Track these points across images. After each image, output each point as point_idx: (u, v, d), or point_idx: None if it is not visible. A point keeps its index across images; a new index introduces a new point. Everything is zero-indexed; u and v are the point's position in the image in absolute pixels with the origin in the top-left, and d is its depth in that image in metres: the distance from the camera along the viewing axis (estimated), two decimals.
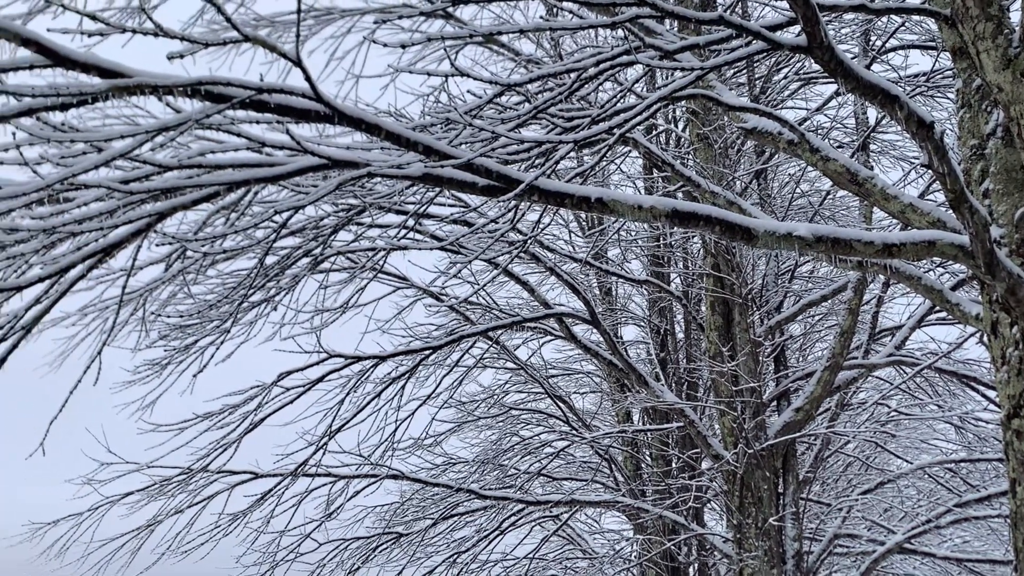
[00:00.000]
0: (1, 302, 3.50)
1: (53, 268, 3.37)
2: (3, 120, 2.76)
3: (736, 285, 8.51)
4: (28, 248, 3.30)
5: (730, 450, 8.28)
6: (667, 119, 9.89)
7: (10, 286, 3.41)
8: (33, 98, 2.75)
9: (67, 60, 2.71)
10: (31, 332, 3.66)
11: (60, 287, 3.45)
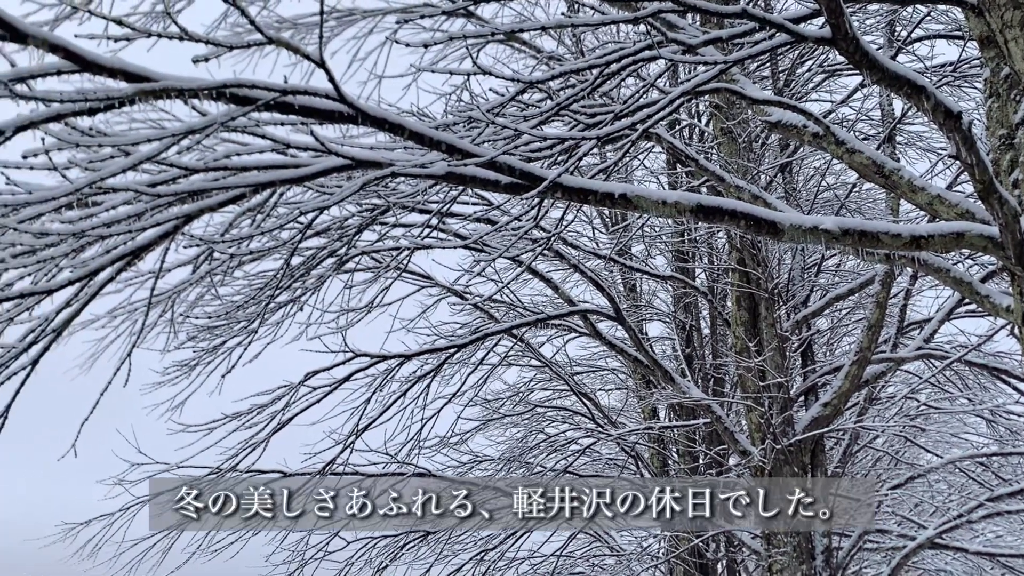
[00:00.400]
0: (32, 305, 3.55)
1: (83, 271, 3.42)
2: (33, 126, 2.80)
3: (762, 280, 8.46)
4: (58, 252, 3.35)
5: (757, 446, 8.23)
6: (690, 114, 9.84)
7: (41, 289, 3.46)
8: (61, 103, 2.78)
9: (94, 65, 2.74)
10: (62, 334, 3.70)
11: (90, 290, 3.49)
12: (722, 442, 10.22)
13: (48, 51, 2.73)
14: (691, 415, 10.58)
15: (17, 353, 3.54)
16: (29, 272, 3.44)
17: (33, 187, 3.13)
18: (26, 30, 2.60)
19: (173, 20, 2.76)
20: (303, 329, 7.52)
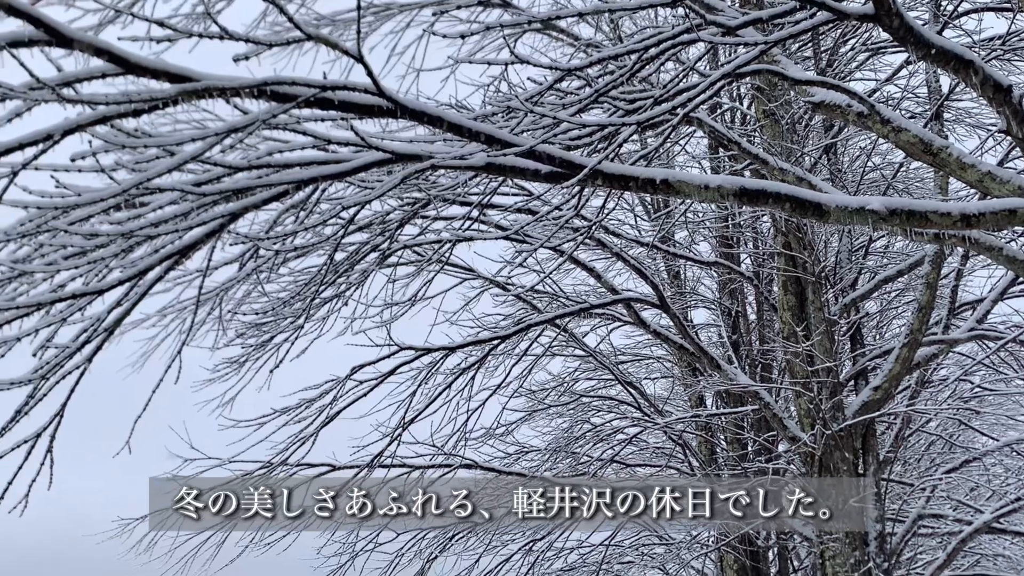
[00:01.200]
0: (84, 306, 3.63)
1: (132, 271, 3.48)
2: (80, 129, 2.85)
3: (808, 263, 8.34)
4: (108, 252, 3.41)
5: (807, 432, 8.13)
6: (731, 97, 9.72)
7: (92, 290, 3.53)
8: (107, 106, 2.83)
9: (137, 67, 2.78)
10: (113, 334, 3.78)
11: (139, 289, 3.56)
12: (771, 429, 10.11)
13: (93, 55, 2.78)
14: (739, 402, 10.48)
15: (71, 352, 3.62)
16: (80, 273, 3.51)
17: (82, 189, 3.19)
18: (71, 35, 2.64)
19: (214, 20, 2.79)
20: (348, 324, 7.59)
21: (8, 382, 3.58)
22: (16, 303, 3.42)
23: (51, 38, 2.67)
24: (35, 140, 2.87)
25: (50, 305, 3.49)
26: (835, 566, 7.86)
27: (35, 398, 3.73)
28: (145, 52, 3.04)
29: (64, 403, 3.86)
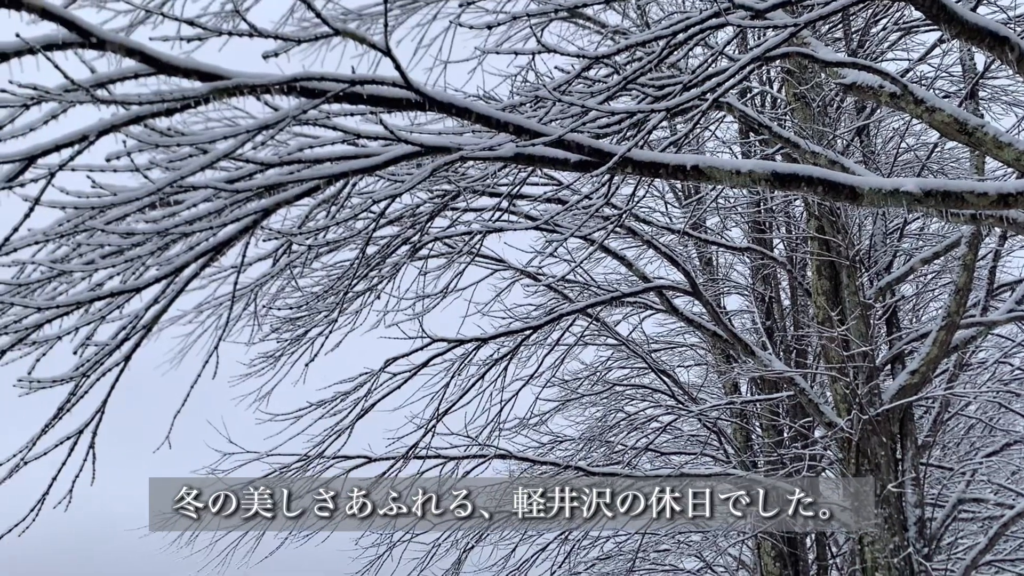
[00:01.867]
0: (122, 304, 3.68)
1: (168, 268, 3.53)
2: (114, 129, 2.89)
3: (842, 247, 8.25)
4: (144, 251, 3.46)
5: (844, 417, 8.06)
6: (761, 80, 9.62)
7: (129, 288, 3.58)
8: (140, 105, 2.86)
9: (169, 67, 2.81)
10: (151, 331, 3.83)
11: (176, 286, 3.61)
12: (807, 414, 10.03)
13: (125, 55, 2.82)
14: (774, 388, 10.40)
15: (110, 350, 3.68)
16: (118, 272, 3.56)
17: (117, 189, 3.24)
18: (104, 36, 2.68)
19: (243, 18, 2.81)
20: (381, 317, 7.64)
21: (50, 380, 3.64)
22: (56, 302, 3.48)
23: (84, 40, 2.71)
24: (71, 141, 2.91)
25: (89, 304, 3.55)
26: (874, 552, 7.79)
27: (76, 395, 3.80)
28: (176, 51, 3.07)
29: (105, 400, 3.92)
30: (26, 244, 3.33)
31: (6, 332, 3.48)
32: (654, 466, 10.64)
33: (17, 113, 2.82)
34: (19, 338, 3.49)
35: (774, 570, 10.58)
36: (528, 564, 10.00)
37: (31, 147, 2.91)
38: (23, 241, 3.30)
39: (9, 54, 2.66)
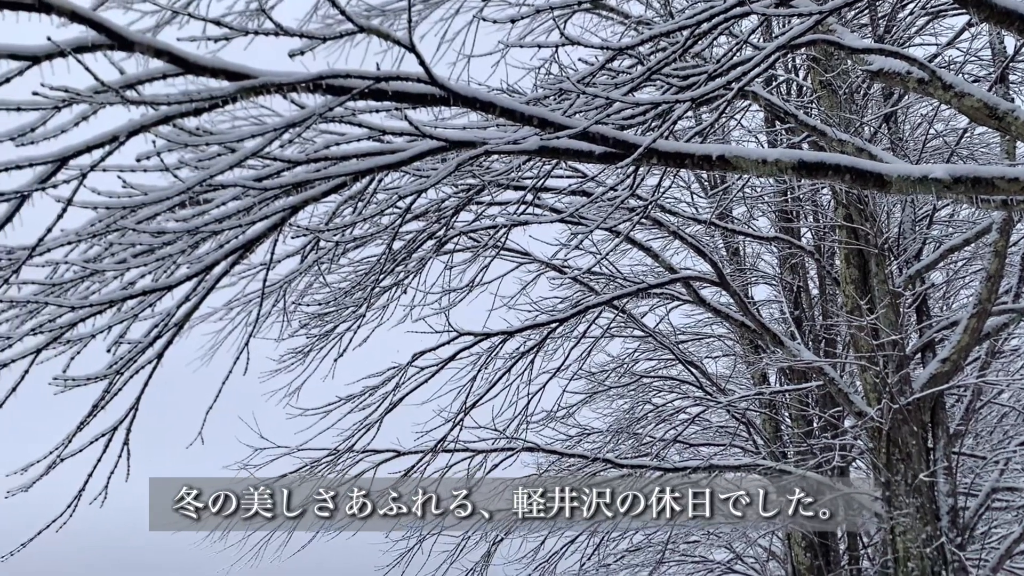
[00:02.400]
0: (154, 302, 3.73)
1: (198, 267, 3.57)
2: (144, 129, 2.92)
3: (871, 235, 8.17)
4: (175, 249, 3.50)
5: (874, 406, 7.99)
6: (787, 68, 9.54)
7: (161, 286, 3.63)
8: (168, 106, 2.90)
9: (197, 67, 2.84)
10: (183, 328, 3.88)
11: (206, 284, 3.65)
12: (836, 404, 9.96)
13: (153, 56, 2.85)
14: (803, 378, 10.34)
15: (143, 347, 3.73)
16: (149, 270, 3.61)
17: (148, 188, 3.28)
18: (132, 38, 2.71)
19: (269, 16, 2.83)
20: (408, 311, 7.68)
21: (84, 378, 3.70)
22: (89, 301, 3.53)
23: (113, 42, 2.74)
24: (102, 142, 2.95)
25: (121, 302, 3.60)
26: (906, 542, 7.73)
27: (110, 393, 3.85)
28: (202, 51, 3.10)
29: (138, 396, 3.98)
30: (59, 244, 3.38)
31: (41, 331, 3.54)
32: (683, 458, 10.60)
33: (49, 115, 2.86)
34: (53, 337, 3.55)
35: (805, 561, 10.53)
36: (557, 556, 10.02)
37: (63, 148, 2.95)
38: (56, 241, 3.36)
39: (40, 57, 2.70)
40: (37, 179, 2.98)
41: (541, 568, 10.00)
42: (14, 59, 2.71)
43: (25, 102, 2.81)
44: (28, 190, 2.94)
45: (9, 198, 2.96)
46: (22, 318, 3.54)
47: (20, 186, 2.95)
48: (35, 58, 2.71)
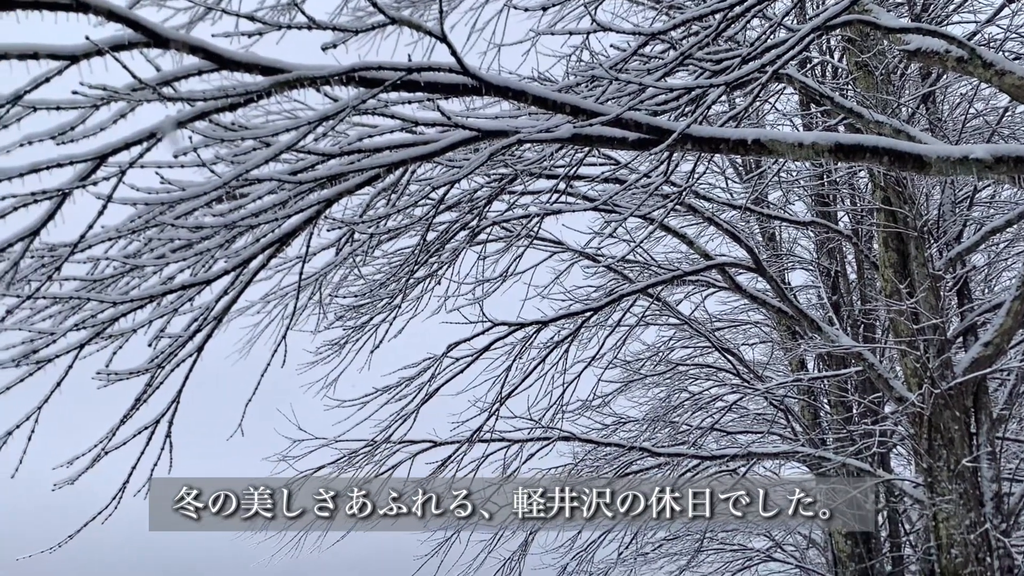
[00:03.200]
0: (193, 296, 3.78)
1: (236, 261, 3.60)
2: (180, 126, 2.95)
3: (910, 218, 8.05)
4: (212, 244, 3.54)
5: (914, 391, 7.88)
6: (821, 50, 9.41)
7: (199, 280, 3.67)
8: (204, 101, 2.92)
9: (231, 62, 2.86)
10: (222, 321, 3.92)
11: (244, 278, 3.68)
12: (876, 390, 9.84)
13: (188, 53, 2.87)
14: (841, 364, 10.23)
15: (183, 341, 3.78)
16: (188, 265, 3.66)
17: (185, 184, 3.32)
18: (168, 35, 2.74)
19: (301, 10, 2.84)
20: (442, 302, 7.70)
21: (127, 372, 3.76)
22: (130, 296, 3.58)
23: (149, 39, 2.77)
24: (139, 139, 2.99)
25: (161, 297, 3.65)
26: (949, 528, 7.63)
27: (152, 386, 3.91)
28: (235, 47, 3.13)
29: (179, 390, 4.03)
30: (99, 241, 3.43)
31: (83, 327, 3.59)
32: (720, 446, 10.55)
33: (88, 114, 2.90)
34: (96, 332, 3.60)
35: (846, 548, 10.44)
36: (595, 546, 10.02)
37: (102, 146, 2.99)
38: (97, 238, 3.41)
39: (79, 56, 2.73)
40: (77, 177, 3.02)
41: (579, 557, 10.01)
42: (53, 59, 2.74)
43: (64, 101, 2.85)
44: (69, 188, 2.99)
45: (50, 196, 3.01)
46: (65, 314, 3.60)
47: (61, 184, 3.00)
48: (73, 57, 2.75)
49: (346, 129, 3.86)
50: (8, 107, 2.78)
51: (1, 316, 3.49)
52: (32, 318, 3.55)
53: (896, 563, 10.84)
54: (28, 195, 2.96)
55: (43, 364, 3.52)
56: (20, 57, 2.71)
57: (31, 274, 3.39)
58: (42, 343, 3.49)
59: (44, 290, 3.40)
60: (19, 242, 3.11)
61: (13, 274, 3.22)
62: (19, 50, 2.70)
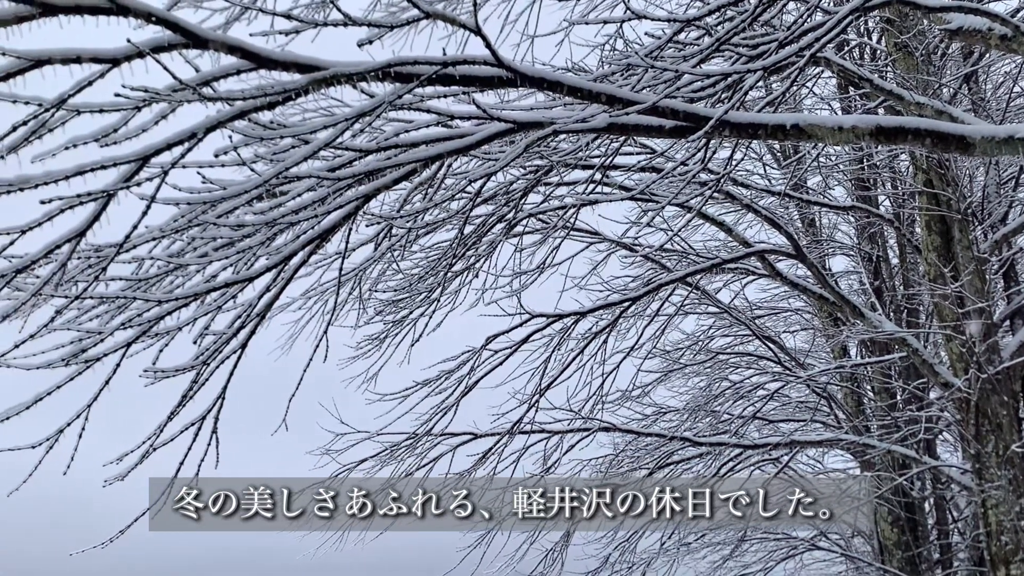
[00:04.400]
0: (236, 293, 3.83)
1: (277, 258, 3.64)
2: (220, 125, 2.99)
3: (953, 200, 7.91)
4: (254, 241, 3.58)
5: (960, 376, 7.76)
6: (859, 32, 9.27)
7: (242, 278, 3.72)
8: (243, 101, 2.95)
9: (269, 61, 2.89)
10: (265, 318, 3.97)
11: (285, 274, 3.72)
12: (921, 375, 9.70)
13: (226, 53, 2.90)
14: (885, 350, 10.09)
15: (228, 338, 3.83)
16: (230, 263, 3.70)
17: (226, 183, 3.36)
18: (207, 36, 2.77)
19: (336, 7, 2.86)
20: (480, 295, 7.72)
21: (173, 369, 3.82)
22: (174, 295, 3.64)
23: (188, 40, 2.80)
24: (181, 139, 3.03)
25: (205, 295, 3.70)
26: (999, 515, 7.51)
27: (198, 383, 3.97)
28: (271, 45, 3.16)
29: (224, 386, 4.09)
30: (144, 241, 3.49)
31: (130, 326, 3.66)
32: (762, 434, 10.46)
33: (130, 115, 2.94)
34: (142, 331, 3.67)
35: (892, 536, 10.31)
36: (637, 536, 9.99)
37: (144, 147, 3.03)
38: (141, 238, 3.46)
39: (120, 59, 2.77)
40: (121, 178, 3.07)
41: (621, 548, 9.99)
42: (95, 62, 2.79)
43: (107, 103, 2.90)
44: (113, 189, 3.04)
45: (96, 197, 3.06)
46: (112, 313, 3.67)
47: (106, 185, 3.05)
48: (115, 60, 2.79)
49: (382, 125, 3.89)
50: (53, 111, 2.83)
51: (50, 316, 3.56)
52: (80, 318, 3.63)
53: (944, 551, 10.69)
54: (74, 197, 3.02)
55: (92, 363, 3.58)
56: (63, 62, 2.76)
57: (78, 275, 3.46)
58: (90, 342, 3.56)
59: (91, 290, 3.47)
60: (66, 243, 3.17)
61: (61, 275, 3.28)
62: (62, 55, 2.74)
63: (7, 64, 2.70)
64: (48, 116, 2.84)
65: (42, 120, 2.84)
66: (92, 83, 2.86)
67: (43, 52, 2.72)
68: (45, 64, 2.74)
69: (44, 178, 2.90)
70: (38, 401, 3.55)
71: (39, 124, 2.85)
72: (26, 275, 3.30)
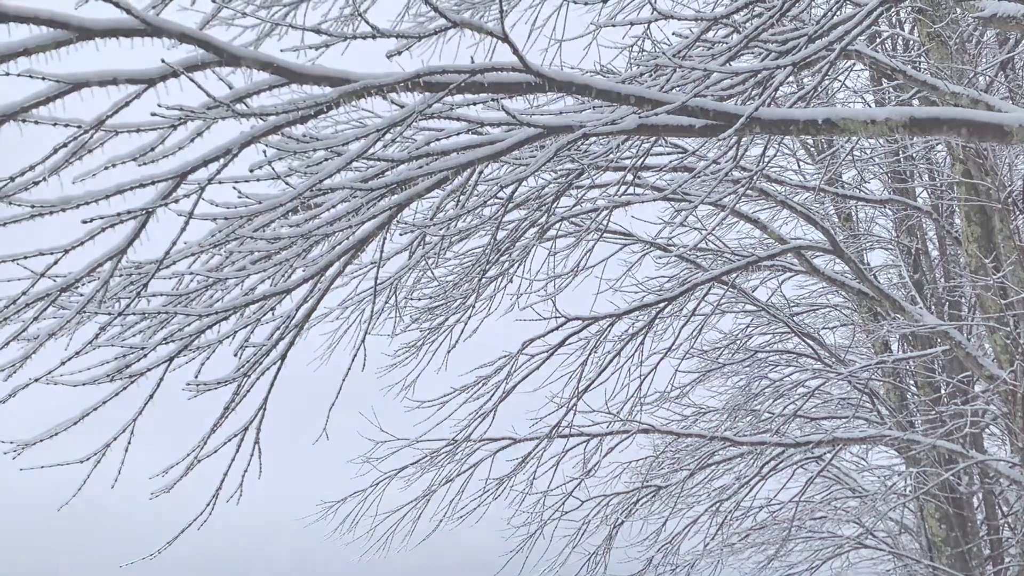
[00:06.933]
0: (274, 305, 3.88)
1: (313, 269, 3.69)
2: (254, 140, 3.04)
3: (992, 189, 7.78)
4: (290, 254, 3.63)
5: (1006, 369, 7.62)
6: (891, 23, 9.16)
7: (280, 290, 3.77)
8: (276, 116, 3.00)
9: (300, 75, 2.93)
10: (303, 329, 4.02)
11: (322, 285, 3.77)
12: (965, 368, 9.53)
13: (258, 69, 2.95)
14: (927, 344, 9.94)
15: (267, 350, 3.88)
16: (268, 275, 3.75)
17: (261, 197, 3.41)
18: (239, 53, 2.82)
19: (365, 20, 2.89)
20: (515, 300, 7.73)
21: (215, 382, 3.87)
22: (214, 309, 3.69)
23: (221, 58, 2.85)
24: (216, 156, 3.08)
25: (244, 308, 3.76)
26: None
27: (240, 395, 4.02)
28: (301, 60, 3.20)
29: (265, 397, 4.14)
30: (183, 256, 3.55)
31: (172, 340, 3.72)
32: (804, 432, 10.34)
33: (167, 134, 3.00)
34: (184, 345, 3.73)
35: (940, 533, 10.14)
36: (680, 537, 9.93)
37: (181, 164, 3.09)
38: (180, 254, 3.52)
39: (155, 79, 2.83)
40: (159, 196, 3.13)
41: (664, 549, 9.93)
42: (132, 83, 2.85)
43: (144, 123, 2.96)
44: (152, 206, 3.10)
45: (135, 215, 3.12)
46: (153, 328, 3.73)
47: (144, 203, 3.11)
48: (151, 80, 2.85)
49: (413, 134, 3.92)
50: (92, 132, 2.89)
51: (95, 333, 3.63)
52: (123, 334, 3.69)
53: (994, 546, 10.49)
54: (115, 215, 3.08)
55: (136, 378, 3.65)
56: (101, 84, 2.82)
57: (120, 292, 3.52)
58: (133, 358, 3.63)
59: (133, 306, 3.53)
60: (108, 261, 3.24)
61: (104, 292, 3.35)
62: (99, 77, 2.80)
63: (47, 88, 2.77)
64: (87, 137, 2.90)
65: (82, 141, 2.90)
66: (129, 103, 2.91)
67: (81, 76, 2.78)
68: (83, 87, 2.80)
69: (85, 198, 2.97)
70: (84, 417, 3.63)
71: (79, 145, 2.91)
72: (70, 294, 3.38)
